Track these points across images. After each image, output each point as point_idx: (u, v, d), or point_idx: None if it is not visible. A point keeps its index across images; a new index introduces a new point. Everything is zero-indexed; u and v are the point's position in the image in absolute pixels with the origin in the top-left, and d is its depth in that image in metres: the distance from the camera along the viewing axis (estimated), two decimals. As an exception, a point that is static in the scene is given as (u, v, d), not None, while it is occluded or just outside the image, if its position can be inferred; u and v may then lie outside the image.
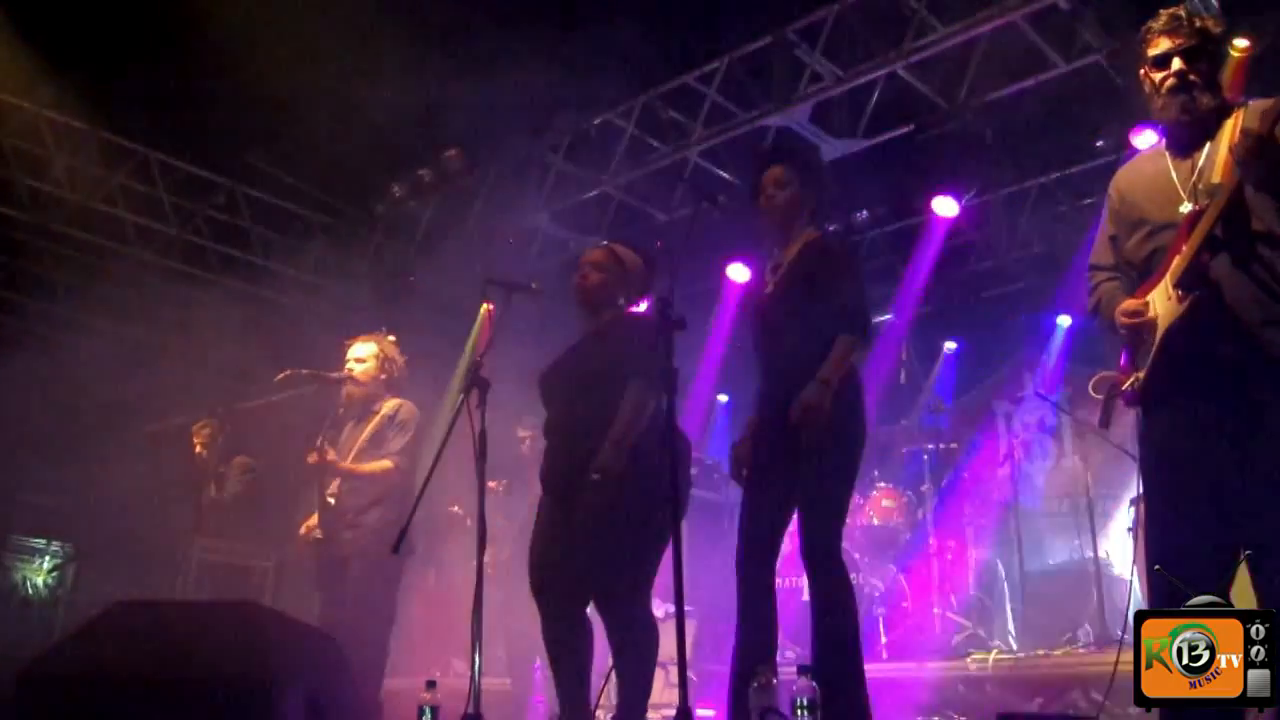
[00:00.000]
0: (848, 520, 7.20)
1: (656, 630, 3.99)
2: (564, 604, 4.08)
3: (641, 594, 4.00)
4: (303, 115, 7.20)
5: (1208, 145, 3.11)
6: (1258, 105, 3.05)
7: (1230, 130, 3.06)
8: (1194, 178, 3.10)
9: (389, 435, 5.51)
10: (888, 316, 9.36)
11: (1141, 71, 3.24)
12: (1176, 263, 3.02)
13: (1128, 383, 3.17)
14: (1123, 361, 3.24)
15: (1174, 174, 3.16)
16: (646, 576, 4.01)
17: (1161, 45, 3.15)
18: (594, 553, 3.93)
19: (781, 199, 4.09)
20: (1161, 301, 3.05)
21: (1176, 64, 3.12)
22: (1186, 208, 3.08)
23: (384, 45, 7.01)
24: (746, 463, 4.03)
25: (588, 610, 4.10)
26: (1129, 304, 3.13)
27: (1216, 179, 3.01)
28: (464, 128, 8.49)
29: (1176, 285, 3.00)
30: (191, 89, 7.52)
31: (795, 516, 3.89)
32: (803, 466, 3.80)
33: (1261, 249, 2.98)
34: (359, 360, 5.66)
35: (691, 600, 3.42)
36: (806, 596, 6.18)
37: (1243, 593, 2.86)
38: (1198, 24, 3.14)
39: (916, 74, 7.26)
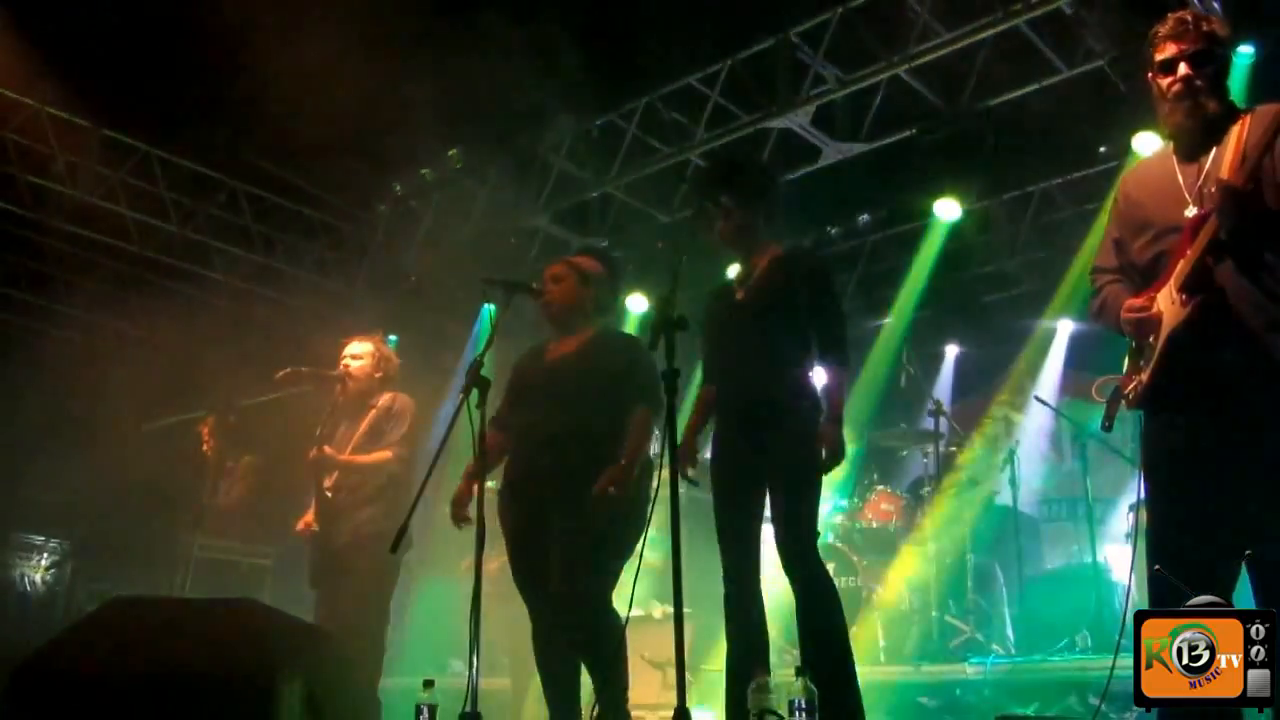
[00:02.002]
0: (847, 523, 7.25)
1: (622, 625, 4.04)
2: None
3: (607, 595, 4.09)
4: (305, 114, 7.19)
5: (1214, 149, 3.10)
6: (1265, 110, 3.05)
7: (1237, 136, 3.05)
8: (1200, 181, 3.09)
9: (386, 428, 5.53)
10: (888, 320, 9.36)
11: (1149, 75, 3.22)
12: (1180, 266, 3.01)
13: (1131, 386, 3.17)
14: (1125, 363, 3.24)
15: (1180, 177, 3.15)
16: (612, 579, 4.13)
17: (1168, 50, 3.13)
18: (565, 558, 4.03)
19: (730, 227, 4.15)
20: (1166, 305, 3.04)
21: (1183, 69, 3.10)
22: (1192, 211, 3.06)
23: (387, 44, 7.01)
24: (691, 462, 4.14)
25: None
26: (1134, 300, 3.12)
27: None
28: (466, 127, 8.49)
29: (1180, 289, 2.99)
30: (193, 86, 7.51)
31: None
32: (772, 482, 3.91)
33: (1266, 254, 2.97)
34: (355, 358, 5.67)
35: (689, 601, 3.42)
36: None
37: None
38: (1205, 28, 3.11)
39: (919, 77, 7.26)
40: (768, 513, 3.98)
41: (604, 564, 4.08)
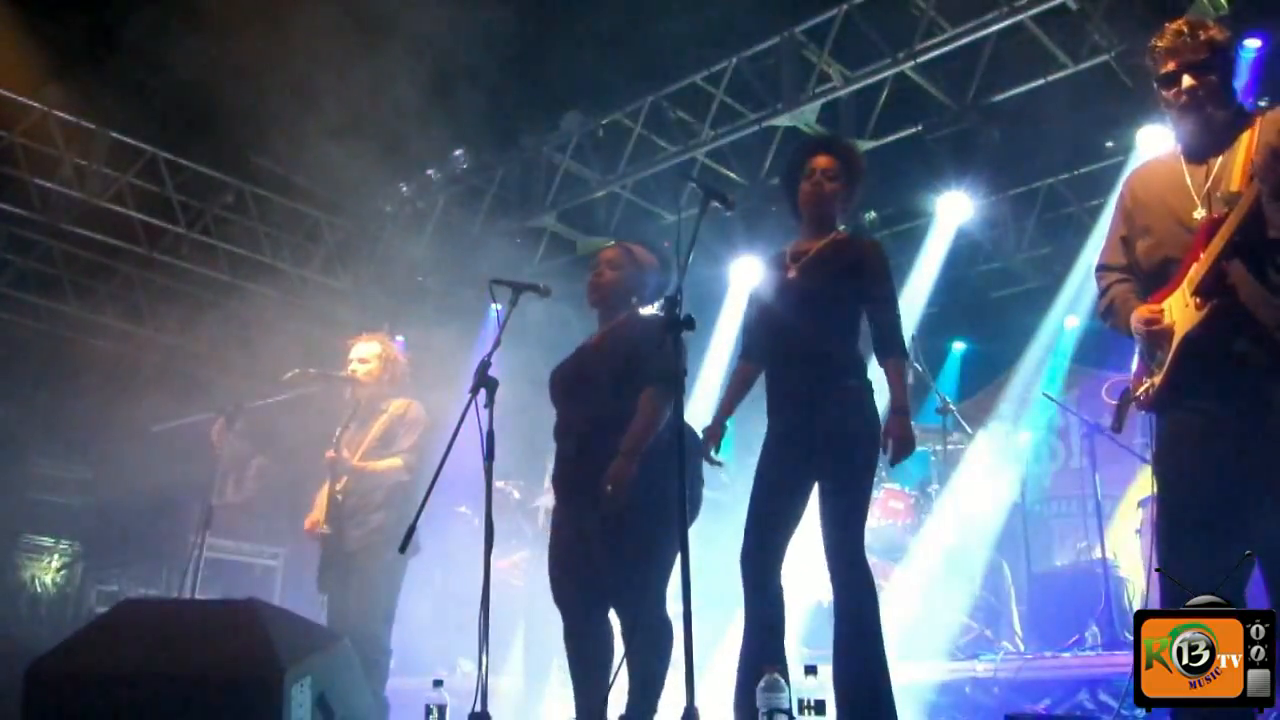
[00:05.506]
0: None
1: (671, 632, 3.98)
2: (586, 610, 4.07)
3: (656, 595, 3.96)
4: (311, 115, 7.22)
5: (1224, 151, 3.09)
6: (1275, 115, 3.04)
7: (1247, 141, 3.04)
8: (1208, 184, 3.08)
9: (399, 434, 5.53)
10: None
11: (1154, 85, 3.22)
12: (1195, 270, 2.99)
13: (1142, 388, 3.16)
14: (1135, 366, 3.23)
15: (1189, 179, 3.14)
16: (660, 577, 3.97)
17: (1169, 65, 3.12)
18: (609, 555, 3.93)
19: (829, 190, 4.03)
20: (1179, 308, 3.03)
21: (1186, 81, 3.09)
22: (1200, 214, 3.06)
23: (391, 45, 7.03)
24: (716, 443, 4.05)
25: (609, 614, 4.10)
26: (1145, 311, 3.11)
27: (1235, 188, 2.98)
28: (472, 127, 8.51)
29: (1195, 293, 2.98)
30: (200, 89, 7.53)
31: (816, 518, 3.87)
32: (821, 469, 3.80)
33: (1278, 257, 2.97)
34: (362, 361, 5.67)
35: (697, 600, 3.42)
36: (815, 598, 6.21)
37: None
38: (1202, 36, 3.09)
39: (924, 74, 7.26)
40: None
41: (653, 557, 3.91)
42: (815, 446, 3.81)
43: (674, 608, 4.36)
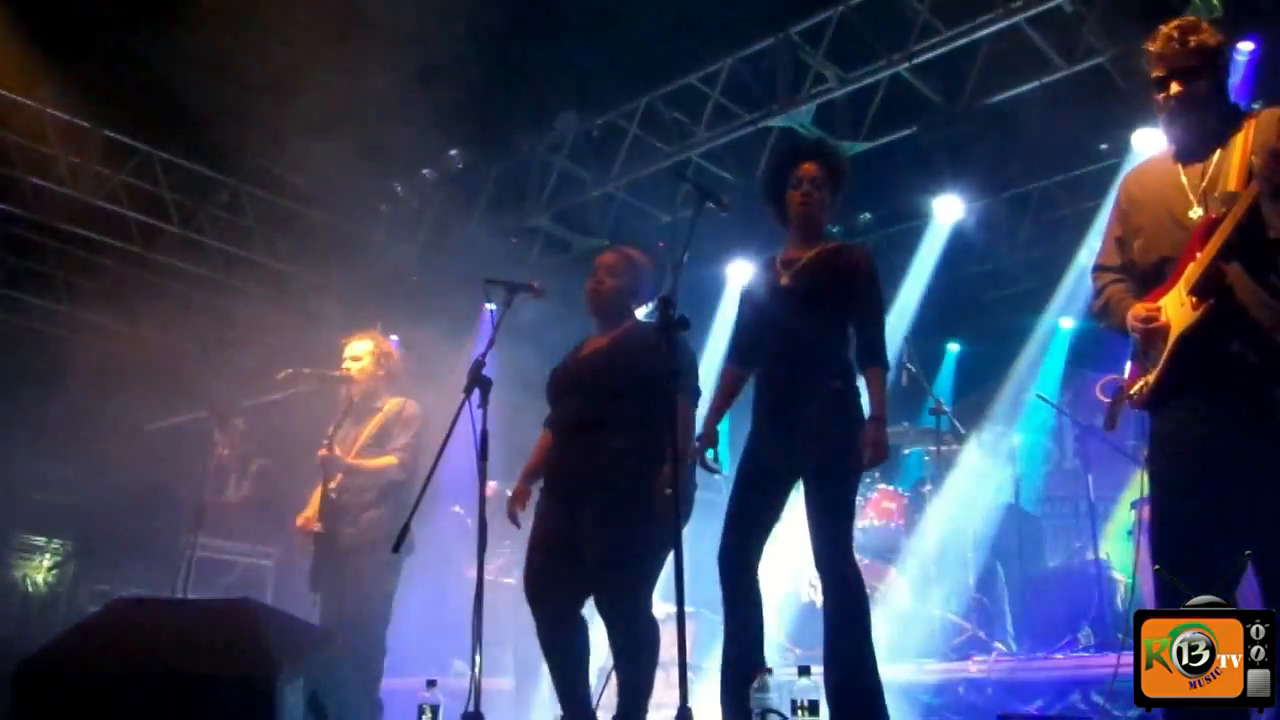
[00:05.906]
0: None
1: (658, 630, 3.99)
2: (563, 607, 4.06)
3: (644, 594, 3.98)
4: (306, 114, 7.20)
5: (1218, 152, 3.11)
6: (1269, 115, 3.05)
7: (1242, 140, 3.05)
8: (1204, 184, 3.10)
9: (394, 432, 5.52)
10: (889, 318, 9.34)
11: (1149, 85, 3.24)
12: (1191, 269, 3.01)
13: (1136, 387, 3.17)
14: (1129, 365, 3.23)
15: (1184, 179, 3.16)
16: (650, 577, 4.00)
17: (1159, 70, 3.15)
18: (600, 553, 3.93)
19: (818, 199, 4.04)
20: (1175, 308, 3.04)
21: (1174, 87, 3.12)
22: (1196, 213, 3.08)
23: (386, 45, 7.01)
24: (711, 449, 4.05)
25: (583, 611, 4.09)
26: (1141, 309, 3.12)
27: (1231, 187, 3.00)
28: (467, 128, 8.50)
29: (1191, 292, 2.99)
30: (195, 88, 7.52)
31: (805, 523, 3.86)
32: (806, 469, 3.80)
33: (1276, 257, 2.98)
34: (355, 359, 5.66)
35: (691, 600, 3.42)
36: (806, 599, 6.22)
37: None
38: (1193, 42, 3.10)
39: (919, 75, 7.26)
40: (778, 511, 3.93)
41: (644, 559, 3.95)
42: (797, 446, 3.81)
43: (669, 608, 4.37)
